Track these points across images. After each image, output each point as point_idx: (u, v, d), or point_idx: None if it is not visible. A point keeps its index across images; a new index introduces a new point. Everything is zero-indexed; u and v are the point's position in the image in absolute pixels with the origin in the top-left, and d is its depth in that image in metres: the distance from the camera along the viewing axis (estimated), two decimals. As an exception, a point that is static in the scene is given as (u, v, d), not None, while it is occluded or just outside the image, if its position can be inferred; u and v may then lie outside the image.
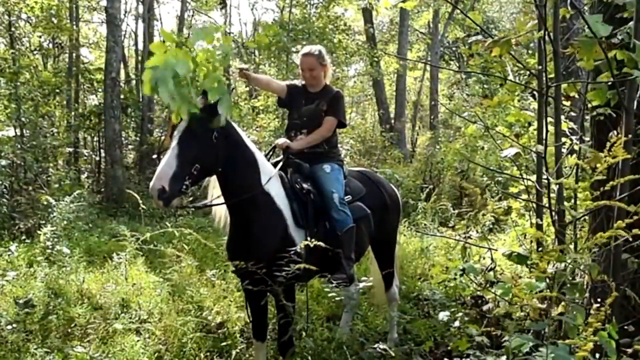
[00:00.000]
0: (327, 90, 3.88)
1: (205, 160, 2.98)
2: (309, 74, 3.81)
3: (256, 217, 3.23)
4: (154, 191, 2.83)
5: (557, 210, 2.76)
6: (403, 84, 17.84)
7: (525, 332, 2.82)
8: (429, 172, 12.18)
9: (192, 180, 2.96)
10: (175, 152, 2.89)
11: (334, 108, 3.81)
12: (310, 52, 3.83)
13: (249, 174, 3.22)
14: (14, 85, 10.02)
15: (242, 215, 3.27)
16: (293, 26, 13.24)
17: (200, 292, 4.97)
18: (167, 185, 2.81)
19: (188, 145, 2.91)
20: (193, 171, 2.93)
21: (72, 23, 13.78)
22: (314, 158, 3.73)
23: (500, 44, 2.81)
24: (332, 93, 3.85)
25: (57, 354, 3.80)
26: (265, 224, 3.24)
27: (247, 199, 3.20)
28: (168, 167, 2.85)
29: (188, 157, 2.90)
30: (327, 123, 3.78)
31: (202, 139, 2.96)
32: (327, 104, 3.79)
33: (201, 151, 2.94)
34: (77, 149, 13.28)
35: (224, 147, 3.06)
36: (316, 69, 3.80)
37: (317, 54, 3.82)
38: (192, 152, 2.92)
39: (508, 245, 6.25)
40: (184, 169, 2.89)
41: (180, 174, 2.87)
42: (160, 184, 2.81)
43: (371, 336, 4.26)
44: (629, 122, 2.44)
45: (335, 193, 3.56)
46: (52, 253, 5.53)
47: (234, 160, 3.14)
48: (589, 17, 2.38)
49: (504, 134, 3.91)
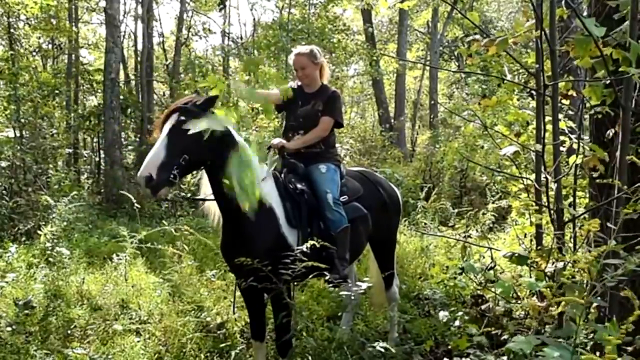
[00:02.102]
0: (323, 90, 3.86)
1: (194, 152, 3.00)
2: (301, 73, 3.81)
3: (246, 215, 3.23)
4: (141, 179, 2.86)
5: (556, 208, 2.76)
6: (402, 83, 17.87)
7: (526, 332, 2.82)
8: (429, 172, 12.18)
9: (180, 171, 2.98)
10: (164, 142, 2.94)
11: (330, 108, 3.79)
12: (300, 51, 3.83)
13: None
14: (14, 87, 10.02)
15: (233, 214, 3.27)
16: (292, 26, 13.26)
17: (200, 292, 4.98)
18: (155, 174, 2.84)
19: (178, 136, 2.94)
20: (181, 162, 2.95)
21: (71, 24, 13.80)
22: (310, 158, 3.72)
23: (497, 43, 2.82)
24: (328, 93, 3.84)
25: (57, 355, 3.80)
26: (256, 223, 3.24)
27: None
28: (156, 156, 2.89)
29: (177, 147, 2.93)
30: (323, 123, 3.77)
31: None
32: (323, 104, 3.77)
33: (190, 142, 2.95)
34: (76, 150, 13.30)
35: (214, 142, 3.06)
36: (307, 67, 3.78)
37: (308, 52, 3.80)
38: (181, 143, 2.94)
39: (508, 245, 6.26)
40: (172, 158, 2.91)
41: (168, 164, 2.89)
42: (147, 171, 2.84)
43: (371, 336, 4.26)
44: (627, 120, 2.44)
45: (329, 193, 3.55)
46: (52, 254, 5.53)
47: (223, 156, 3.13)
48: (586, 19, 2.38)
49: (503, 133, 3.91)
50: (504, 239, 7.00)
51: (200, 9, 18.45)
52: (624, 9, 2.62)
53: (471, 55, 3.31)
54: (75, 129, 13.13)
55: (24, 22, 12.38)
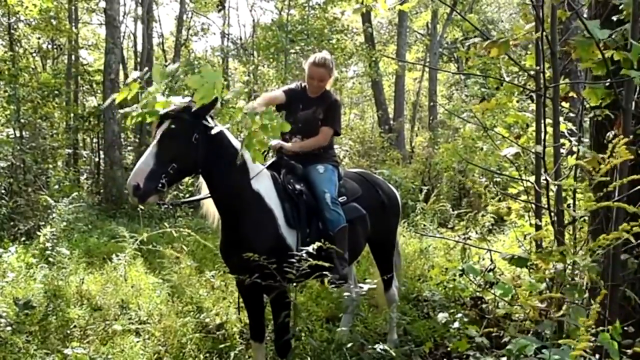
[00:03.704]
0: (325, 96, 3.84)
1: (182, 160, 3.00)
2: (317, 84, 3.77)
3: (245, 216, 3.24)
4: (130, 188, 2.89)
5: (556, 211, 2.77)
6: (402, 84, 17.86)
7: (526, 333, 2.82)
8: (428, 173, 12.18)
9: (169, 179, 2.98)
10: (153, 150, 2.94)
11: (331, 118, 3.79)
12: (324, 62, 3.74)
13: (234, 174, 3.22)
14: (13, 87, 10.02)
15: (230, 215, 3.28)
16: (291, 27, 13.27)
17: (200, 293, 4.97)
18: (142, 183, 2.86)
19: (167, 144, 2.94)
20: (170, 170, 2.96)
21: (71, 25, 13.79)
22: (308, 159, 3.72)
23: (498, 44, 2.82)
24: (330, 100, 3.82)
25: (57, 355, 3.79)
26: (254, 223, 3.25)
27: (234, 198, 3.22)
28: (145, 165, 2.90)
29: (166, 156, 2.93)
30: (323, 133, 3.77)
31: (181, 138, 2.98)
32: (324, 112, 3.76)
33: (179, 151, 2.97)
34: (76, 151, 13.29)
35: (205, 147, 3.06)
36: (325, 80, 3.78)
37: (328, 64, 3.76)
38: (171, 152, 2.95)
39: (507, 246, 6.27)
40: (161, 167, 2.92)
41: (156, 172, 2.90)
42: (135, 180, 2.86)
43: (371, 337, 4.27)
44: (627, 122, 2.45)
45: (327, 193, 3.56)
46: (52, 254, 5.53)
47: (217, 160, 3.14)
48: (588, 22, 2.39)
49: (502, 134, 3.92)
50: (503, 240, 7.01)
51: (200, 9, 18.46)
52: (626, 10, 2.62)
53: (470, 57, 3.32)
54: (75, 130, 13.12)
55: (24, 23, 12.37)
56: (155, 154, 2.93)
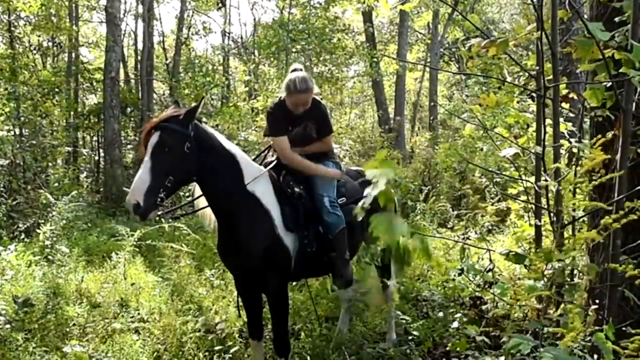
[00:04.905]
0: (310, 109, 3.64)
1: (177, 171, 3.01)
2: (302, 108, 3.60)
3: (241, 218, 3.24)
4: (130, 206, 2.90)
5: (556, 211, 2.77)
6: (402, 84, 17.84)
7: (524, 333, 2.83)
8: (428, 173, 12.17)
9: (167, 192, 3.00)
10: (148, 165, 2.94)
11: (325, 126, 3.72)
12: (306, 87, 3.52)
13: (228, 177, 3.22)
14: (13, 85, 10.02)
15: (226, 217, 3.29)
16: (292, 26, 13.26)
17: (199, 292, 4.98)
18: (142, 200, 2.87)
19: (160, 158, 2.95)
20: (167, 183, 2.97)
21: (71, 22, 13.79)
22: (310, 159, 3.71)
23: (497, 44, 2.82)
24: (317, 111, 3.67)
25: (56, 353, 3.80)
26: (250, 224, 3.25)
27: (230, 201, 3.22)
28: (142, 182, 2.90)
29: (161, 170, 2.94)
30: (327, 141, 3.75)
31: (174, 150, 2.98)
32: (317, 124, 3.67)
33: (173, 163, 2.97)
34: (76, 149, 13.29)
35: (197, 155, 3.06)
36: (309, 100, 3.60)
37: (311, 85, 3.56)
38: (165, 165, 2.95)
39: (507, 247, 6.26)
40: (157, 182, 2.92)
41: (154, 188, 2.91)
42: (135, 199, 2.87)
43: (370, 336, 4.27)
44: (627, 123, 2.44)
45: (325, 197, 3.54)
46: (51, 252, 5.54)
47: (210, 165, 3.14)
48: (590, 23, 2.39)
49: (502, 135, 3.92)
50: (502, 241, 7.01)
51: (201, 8, 18.47)
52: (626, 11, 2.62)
53: (472, 57, 3.32)
54: (74, 128, 13.13)
55: (24, 21, 12.38)
56: (150, 169, 2.93)
